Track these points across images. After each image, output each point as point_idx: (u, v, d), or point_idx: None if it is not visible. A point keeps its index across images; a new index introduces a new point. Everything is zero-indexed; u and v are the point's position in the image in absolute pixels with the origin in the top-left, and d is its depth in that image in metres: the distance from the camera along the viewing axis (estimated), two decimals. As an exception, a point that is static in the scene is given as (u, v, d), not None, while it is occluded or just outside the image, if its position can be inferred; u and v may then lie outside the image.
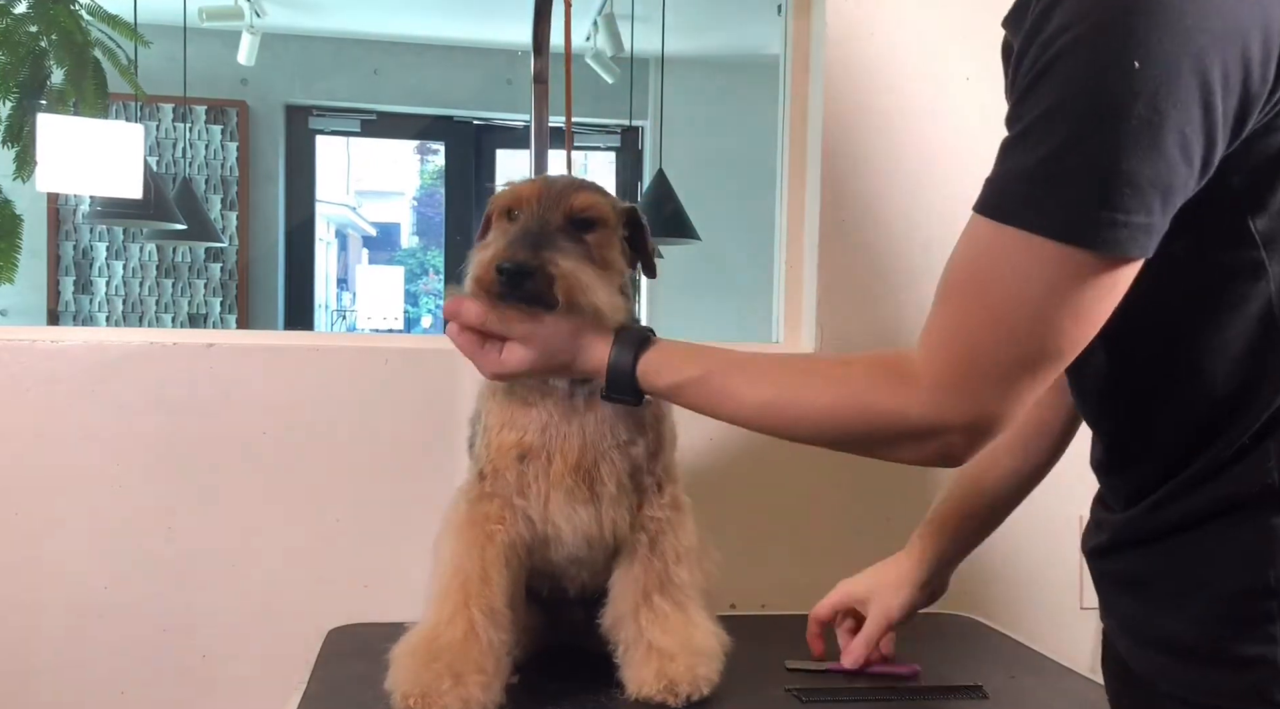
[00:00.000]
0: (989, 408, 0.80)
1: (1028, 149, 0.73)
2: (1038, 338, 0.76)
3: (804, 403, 0.89)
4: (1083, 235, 0.72)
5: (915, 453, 0.85)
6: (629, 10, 4.44)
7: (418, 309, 8.19)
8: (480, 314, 1.01)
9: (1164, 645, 0.84)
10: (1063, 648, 1.36)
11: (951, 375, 0.80)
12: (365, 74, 5.49)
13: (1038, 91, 0.73)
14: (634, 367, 0.99)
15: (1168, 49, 0.68)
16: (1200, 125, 0.70)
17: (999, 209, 0.75)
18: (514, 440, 1.10)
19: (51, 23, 3.47)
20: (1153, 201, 0.71)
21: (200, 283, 5.33)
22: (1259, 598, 0.77)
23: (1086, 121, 0.70)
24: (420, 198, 9.20)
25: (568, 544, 1.12)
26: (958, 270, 0.80)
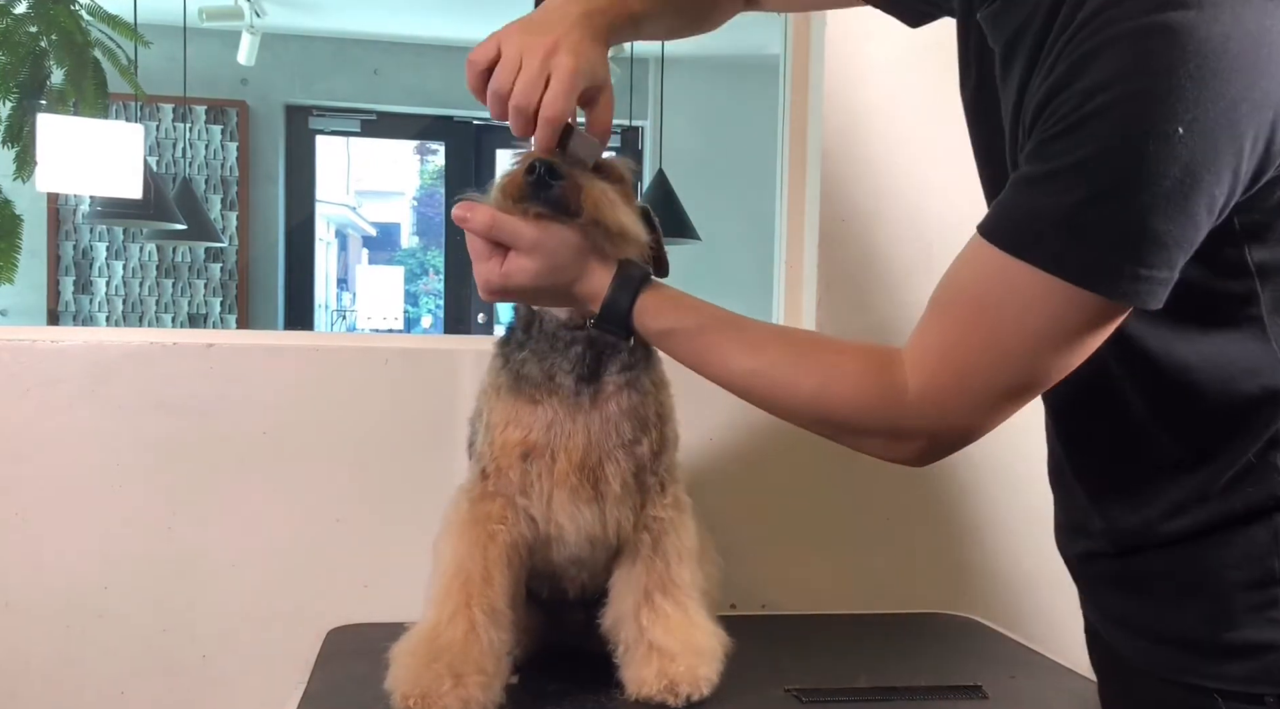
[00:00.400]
0: (967, 424, 0.83)
1: (1056, 192, 0.74)
2: (1029, 367, 0.79)
3: (790, 382, 0.89)
4: (1102, 284, 0.73)
5: (884, 451, 0.88)
6: (629, 10, 4.44)
7: (418, 309, 8.20)
8: (488, 219, 0.95)
9: (1167, 639, 0.85)
10: (1063, 648, 1.35)
11: (939, 390, 0.82)
12: (365, 74, 5.49)
13: (1073, 139, 0.72)
14: (632, 302, 0.95)
15: (1211, 120, 0.69)
16: (1227, 186, 0.71)
17: (1017, 243, 0.76)
18: (518, 438, 1.10)
19: (51, 23, 3.48)
20: (1176, 258, 0.73)
21: (200, 283, 5.33)
22: (1264, 586, 0.80)
23: (1123, 180, 0.71)
24: (420, 198, 9.21)
25: (570, 544, 1.12)
26: (959, 289, 0.82)
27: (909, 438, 0.85)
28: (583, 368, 1.09)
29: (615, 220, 0.97)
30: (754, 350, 0.92)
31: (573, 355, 1.09)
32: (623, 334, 0.97)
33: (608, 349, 1.10)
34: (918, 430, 0.84)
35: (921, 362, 0.83)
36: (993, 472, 1.63)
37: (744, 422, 1.57)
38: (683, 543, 1.16)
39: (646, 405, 1.12)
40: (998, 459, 1.62)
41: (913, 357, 0.83)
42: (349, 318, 7.58)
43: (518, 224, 0.95)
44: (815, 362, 0.89)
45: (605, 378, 1.10)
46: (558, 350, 1.10)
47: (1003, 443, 1.64)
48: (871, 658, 1.31)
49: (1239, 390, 0.80)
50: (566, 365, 1.09)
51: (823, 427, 0.90)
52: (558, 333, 1.10)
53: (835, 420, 0.88)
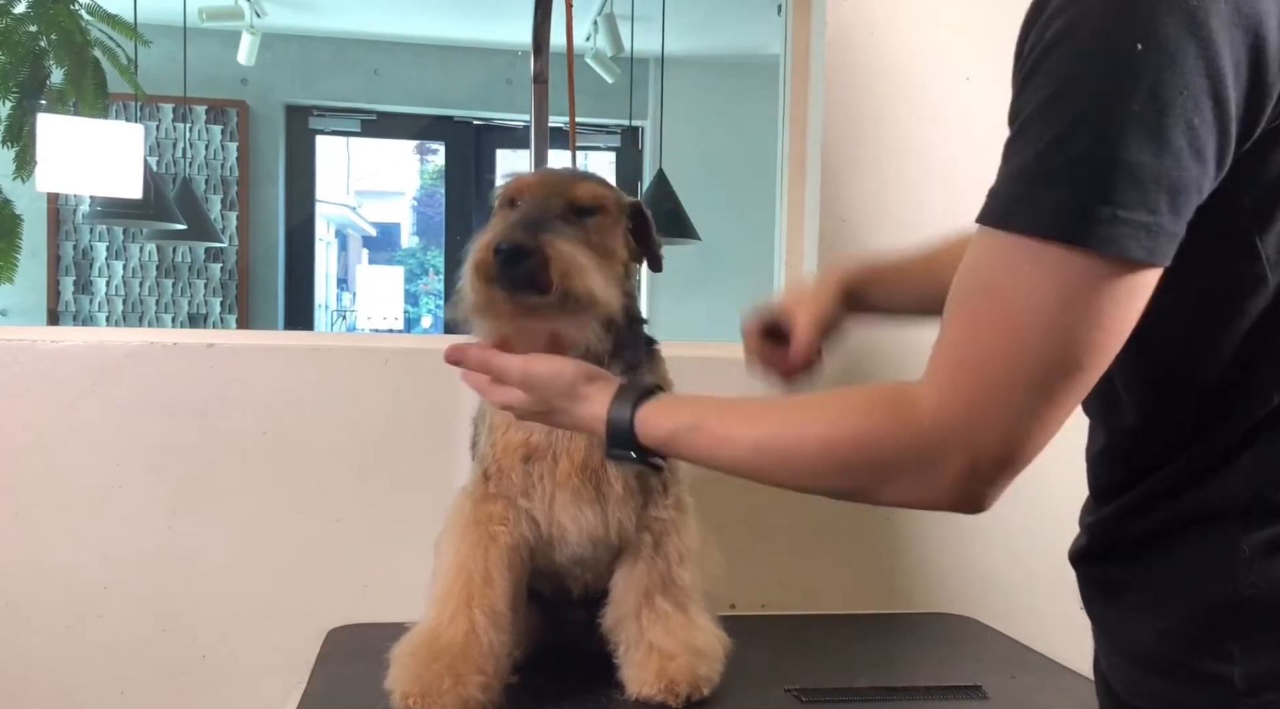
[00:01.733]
0: (1003, 433, 0.71)
1: (1025, 145, 0.69)
2: (1052, 350, 0.69)
3: (798, 436, 0.80)
4: (1079, 234, 0.65)
5: (922, 490, 0.75)
6: (629, 10, 4.44)
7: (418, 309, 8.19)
8: (481, 359, 1.00)
9: (1132, 655, 0.82)
10: (1063, 648, 1.35)
11: (960, 396, 0.71)
12: (365, 74, 5.49)
13: (1035, 82, 0.68)
14: (631, 420, 0.92)
15: (1171, 32, 0.63)
16: (1211, 118, 0.64)
17: (998, 214, 0.70)
18: (520, 440, 1.10)
19: (51, 23, 3.47)
20: (1157, 199, 0.65)
21: (200, 283, 5.33)
22: (1222, 613, 0.75)
23: (1085, 110, 0.65)
24: (420, 198, 9.20)
25: (572, 545, 1.12)
26: (961, 287, 0.74)
27: (942, 465, 0.73)
28: None
29: (585, 290, 0.99)
30: (755, 420, 0.85)
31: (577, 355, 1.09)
32: (635, 455, 0.93)
33: (614, 349, 1.10)
34: (948, 451, 0.72)
35: (937, 373, 0.73)
36: (993, 472, 1.63)
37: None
38: (684, 544, 1.16)
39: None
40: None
41: (928, 374, 0.74)
42: (349, 318, 7.58)
43: (505, 361, 0.99)
44: (819, 408, 0.81)
45: None
46: None
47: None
48: (871, 658, 1.31)
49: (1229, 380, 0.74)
50: None
51: (847, 478, 0.79)
52: None
53: (855, 464, 0.77)
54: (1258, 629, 0.74)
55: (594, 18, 4.60)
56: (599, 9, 4.54)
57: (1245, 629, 0.74)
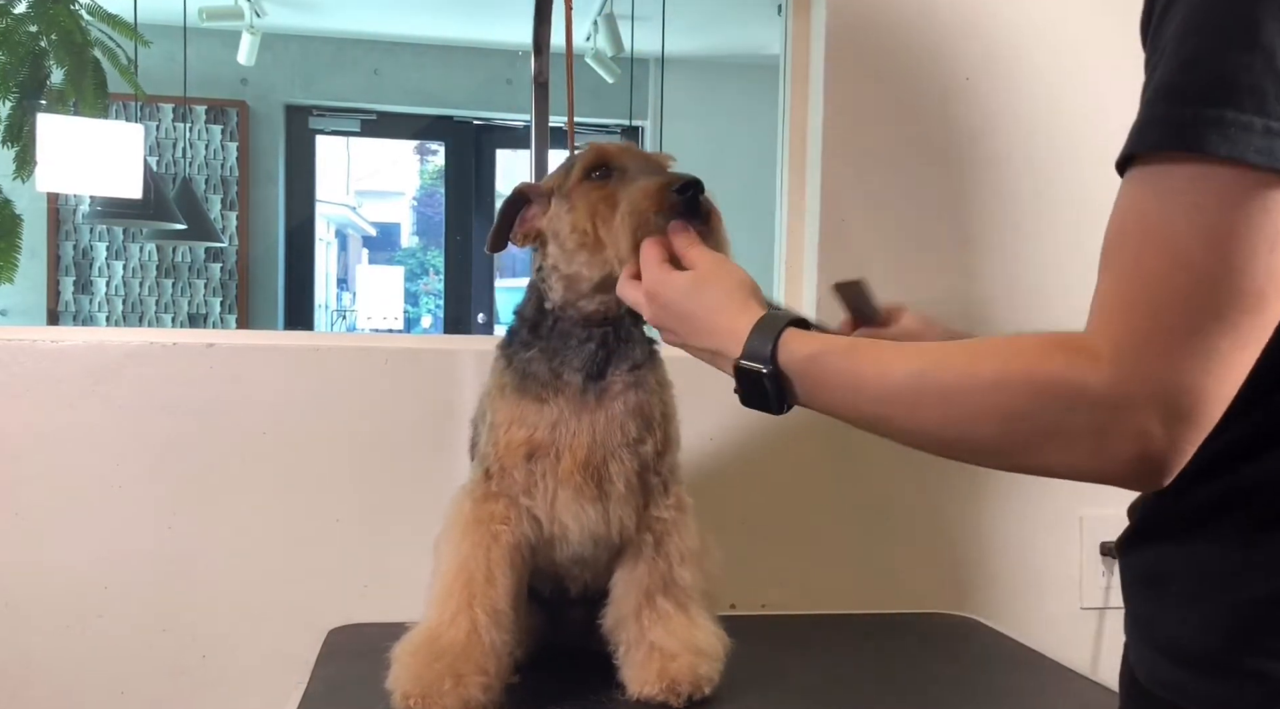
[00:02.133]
0: (1184, 376, 0.65)
1: (1162, 73, 0.67)
2: (1227, 278, 0.64)
3: (965, 372, 0.73)
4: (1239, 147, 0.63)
5: (1101, 448, 0.68)
6: (629, 10, 4.45)
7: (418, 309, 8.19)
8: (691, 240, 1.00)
9: (1166, 648, 0.80)
10: (1063, 648, 1.36)
11: (1135, 337, 0.66)
12: (365, 74, 5.49)
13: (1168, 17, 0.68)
14: (776, 336, 0.86)
15: None
16: None
17: (1145, 139, 0.67)
18: (523, 437, 1.10)
19: (51, 23, 3.48)
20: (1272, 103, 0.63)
21: (200, 283, 5.33)
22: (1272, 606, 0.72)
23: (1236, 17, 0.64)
24: (420, 198, 9.20)
25: (574, 543, 1.12)
26: (1114, 233, 0.70)
27: (1122, 414, 0.66)
28: (593, 366, 1.10)
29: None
30: (915, 354, 0.78)
31: (586, 353, 1.10)
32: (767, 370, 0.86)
33: (619, 347, 1.11)
34: (1128, 399, 0.66)
35: (1107, 321, 0.68)
36: (994, 471, 1.63)
37: (744, 421, 1.57)
38: (684, 544, 1.16)
39: (652, 404, 1.13)
40: (998, 459, 1.62)
41: (1095, 323, 0.69)
42: (349, 318, 7.58)
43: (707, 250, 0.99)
44: (986, 349, 0.74)
45: (612, 376, 1.11)
46: (570, 348, 1.11)
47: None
48: (872, 658, 1.31)
49: None
50: (577, 363, 1.10)
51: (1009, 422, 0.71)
52: (573, 330, 1.11)
53: (1028, 409, 0.70)
54: None
55: (594, 18, 4.60)
56: (599, 9, 4.54)
57: None
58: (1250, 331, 0.65)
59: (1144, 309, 0.66)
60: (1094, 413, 0.67)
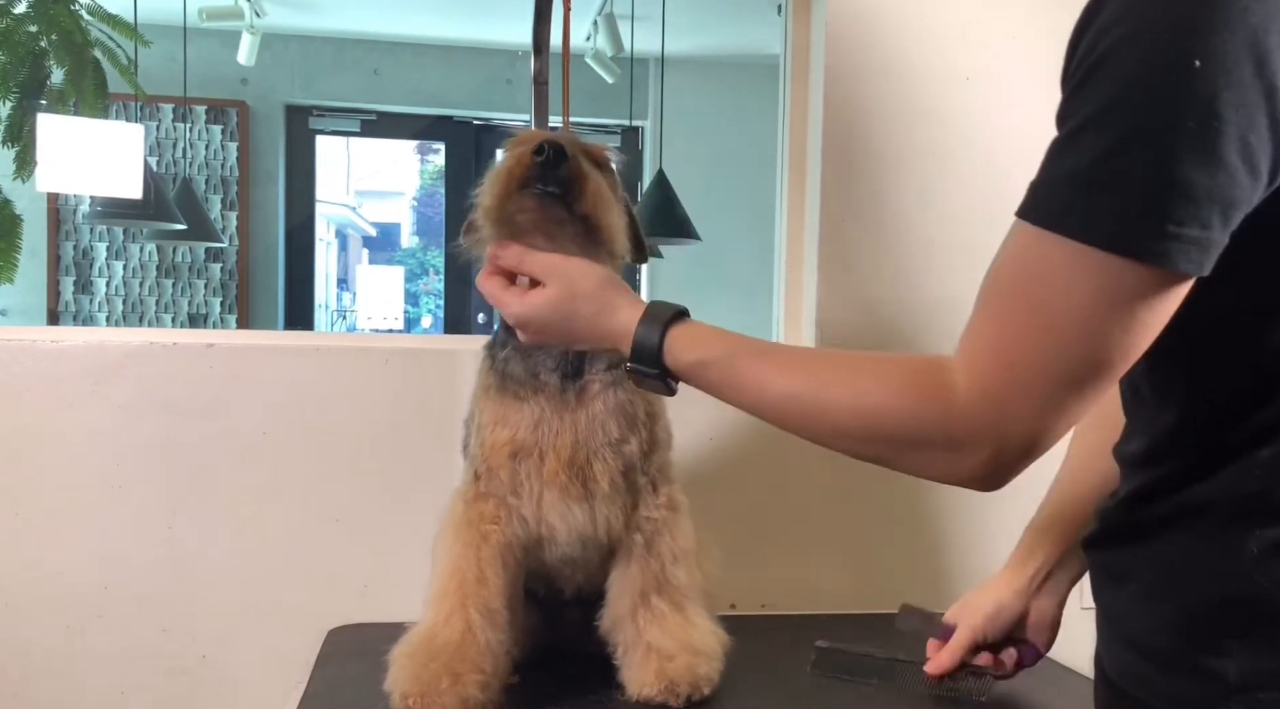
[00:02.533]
0: (1031, 424, 0.74)
1: (1078, 151, 0.69)
2: (1085, 349, 0.71)
3: (833, 397, 0.82)
4: (1132, 246, 0.67)
5: (945, 467, 0.78)
6: (629, 10, 4.44)
7: (418, 309, 8.19)
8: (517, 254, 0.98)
9: (1130, 641, 0.83)
10: (1063, 648, 1.35)
11: (994, 385, 0.74)
12: (365, 74, 5.49)
13: (1089, 89, 0.68)
14: (662, 338, 0.91)
15: (1230, 49, 0.63)
16: (1266, 134, 0.65)
17: (1045, 215, 0.70)
18: (506, 437, 1.10)
19: (51, 23, 3.47)
20: (1210, 215, 0.66)
21: (200, 283, 5.33)
22: (1224, 609, 0.75)
23: (1141, 124, 0.66)
24: (420, 198, 9.20)
25: (562, 544, 1.12)
26: (1001, 277, 0.75)
27: (970, 447, 0.76)
28: (566, 365, 1.10)
29: (609, 222, 1.02)
30: (790, 371, 0.86)
31: (555, 353, 1.10)
32: (656, 373, 0.93)
33: None
34: (977, 436, 0.75)
35: (971, 359, 0.76)
36: (993, 472, 1.63)
37: (743, 421, 1.56)
38: (677, 544, 1.15)
39: (635, 403, 1.12)
40: (998, 459, 1.62)
41: (962, 357, 0.76)
42: (349, 318, 7.58)
43: (536, 255, 0.98)
44: (857, 374, 0.82)
45: (590, 374, 1.11)
46: (540, 348, 1.10)
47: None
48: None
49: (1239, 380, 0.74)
50: (550, 363, 1.10)
51: (871, 443, 0.82)
52: None
53: (883, 433, 0.80)
54: (1260, 627, 0.74)
55: (594, 18, 4.60)
56: (599, 9, 4.54)
57: (1247, 626, 0.74)
58: (1093, 393, 0.73)
59: (1006, 361, 0.73)
60: (947, 443, 0.77)
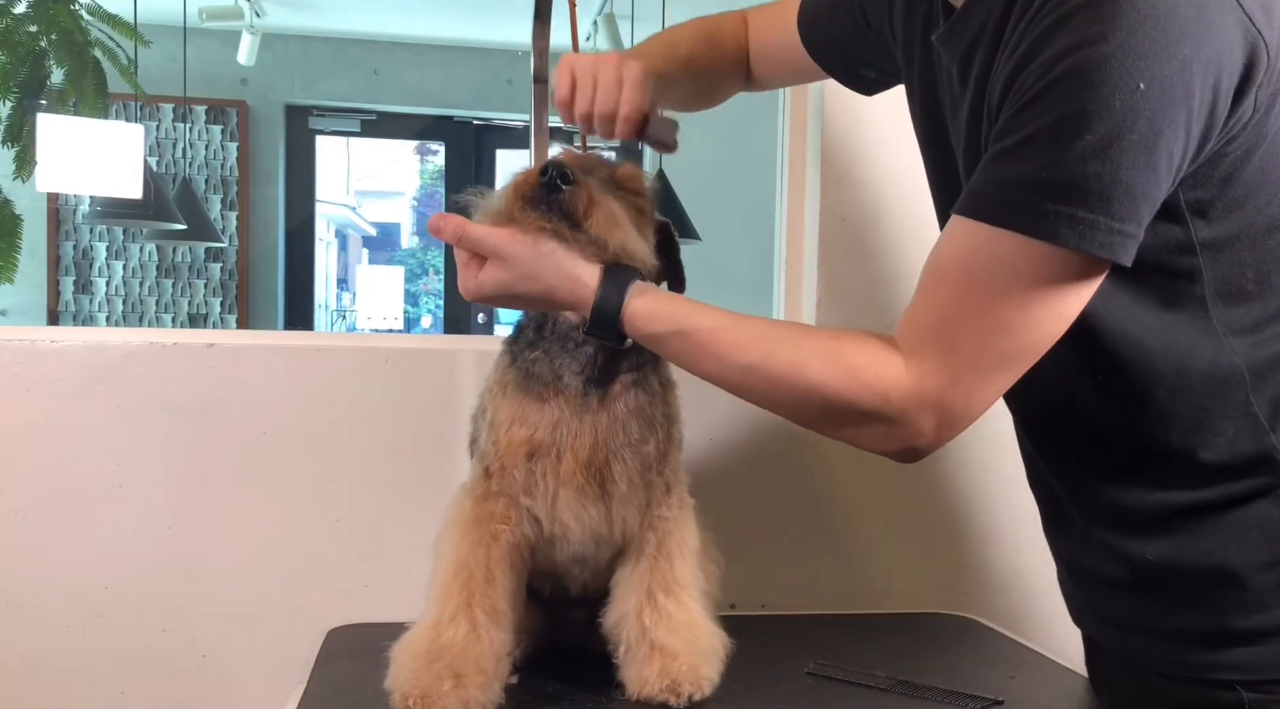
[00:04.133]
0: (967, 400, 0.83)
1: (1030, 157, 0.77)
2: (1023, 334, 0.80)
3: (787, 374, 0.89)
4: (1083, 241, 0.76)
5: (882, 439, 0.88)
6: (629, 10, 4.45)
7: (418, 309, 8.19)
8: (455, 230, 0.98)
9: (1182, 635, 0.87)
10: (1063, 648, 1.35)
11: (935, 366, 0.83)
12: (365, 74, 5.49)
13: (1042, 104, 0.76)
14: (619, 307, 0.96)
15: (1168, 77, 0.74)
16: (1181, 144, 0.76)
17: (997, 213, 0.79)
18: (524, 437, 1.09)
19: (51, 23, 3.48)
20: (1143, 212, 0.77)
21: (200, 283, 5.33)
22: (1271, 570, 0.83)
23: (1097, 136, 0.74)
24: (420, 198, 9.20)
25: (575, 543, 1.12)
26: (945, 267, 0.83)
27: (909, 423, 0.85)
28: (592, 370, 1.09)
29: (620, 241, 0.98)
30: (748, 346, 0.92)
31: (583, 357, 1.09)
32: (615, 340, 0.98)
33: (621, 350, 1.10)
34: (917, 413, 0.84)
35: (916, 342, 0.84)
36: (992, 471, 1.63)
37: (744, 421, 1.57)
38: (686, 543, 1.16)
39: (654, 405, 1.12)
40: (998, 459, 1.62)
41: (906, 338, 0.85)
42: (349, 318, 7.58)
43: (485, 233, 0.98)
44: (809, 352, 0.89)
45: (615, 377, 1.10)
46: (568, 351, 1.09)
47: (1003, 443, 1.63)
48: (872, 658, 1.30)
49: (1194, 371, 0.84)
50: (575, 367, 1.09)
51: (822, 418, 0.91)
52: (570, 334, 1.09)
53: (834, 409, 0.88)
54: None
55: (594, 18, 4.61)
56: (599, 9, 4.55)
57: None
58: (1021, 370, 0.83)
59: (947, 344, 0.82)
60: (887, 417, 0.85)
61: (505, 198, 0.99)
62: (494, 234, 0.97)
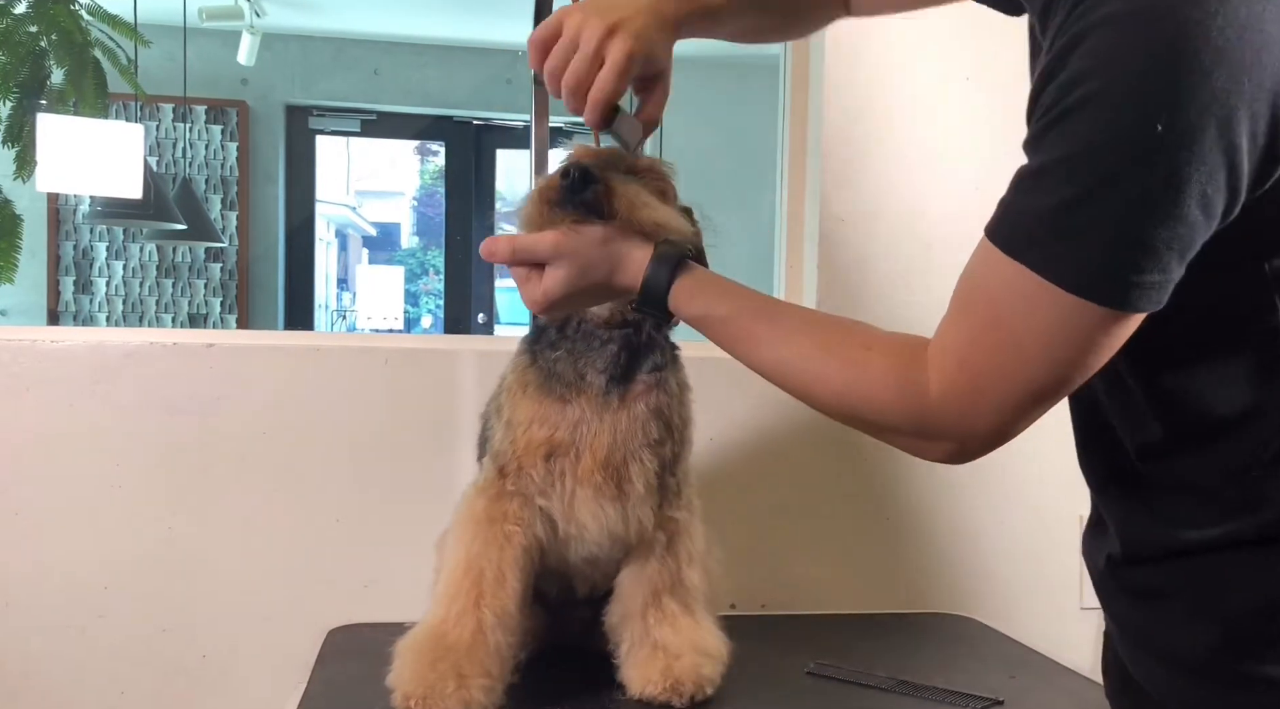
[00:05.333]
0: (991, 426, 0.81)
1: (1044, 190, 0.72)
2: (1046, 370, 0.76)
3: (817, 378, 0.88)
4: (1094, 292, 0.71)
5: (915, 449, 0.87)
6: (629, 10, 4.44)
7: (418, 309, 8.19)
8: (508, 248, 0.96)
9: (1169, 660, 0.83)
10: (1063, 648, 1.36)
11: (960, 392, 0.80)
12: (365, 74, 5.49)
13: (1057, 133, 0.71)
14: (669, 282, 0.94)
15: (1194, 111, 0.65)
16: (1224, 183, 0.67)
17: (1012, 243, 0.74)
18: (544, 437, 1.09)
19: (51, 23, 3.48)
20: (1169, 261, 0.70)
21: (200, 283, 5.33)
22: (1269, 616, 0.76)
23: (1106, 180, 0.68)
24: (420, 198, 9.19)
25: (590, 543, 1.11)
26: (970, 288, 0.80)
27: (936, 439, 0.84)
28: (616, 368, 1.09)
29: (649, 218, 0.97)
30: (782, 342, 0.91)
31: (608, 354, 1.09)
32: (662, 315, 0.96)
33: (642, 349, 1.10)
34: (943, 432, 0.83)
35: (942, 363, 0.81)
36: (993, 472, 1.63)
37: (745, 422, 1.57)
38: (694, 545, 1.16)
39: (672, 407, 1.13)
40: (998, 459, 1.61)
41: (935, 356, 0.82)
42: (349, 318, 7.58)
43: (535, 240, 0.96)
44: (842, 358, 0.88)
45: (637, 377, 1.10)
46: (593, 349, 1.09)
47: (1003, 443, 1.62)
48: (872, 658, 1.31)
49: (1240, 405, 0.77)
50: (600, 364, 1.09)
51: (852, 422, 0.90)
52: (595, 332, 1.09)
53: (863, 417, 0.87)
54: None
55: (594, 18, 4.60)
56: (599, 9, 4.54)
57: None
58: (1050, 400, 0.79)
59: (971, 371, 0.79)
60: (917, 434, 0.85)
61: (532, 207, 0.98)
62: (543, 238, 0.96)
